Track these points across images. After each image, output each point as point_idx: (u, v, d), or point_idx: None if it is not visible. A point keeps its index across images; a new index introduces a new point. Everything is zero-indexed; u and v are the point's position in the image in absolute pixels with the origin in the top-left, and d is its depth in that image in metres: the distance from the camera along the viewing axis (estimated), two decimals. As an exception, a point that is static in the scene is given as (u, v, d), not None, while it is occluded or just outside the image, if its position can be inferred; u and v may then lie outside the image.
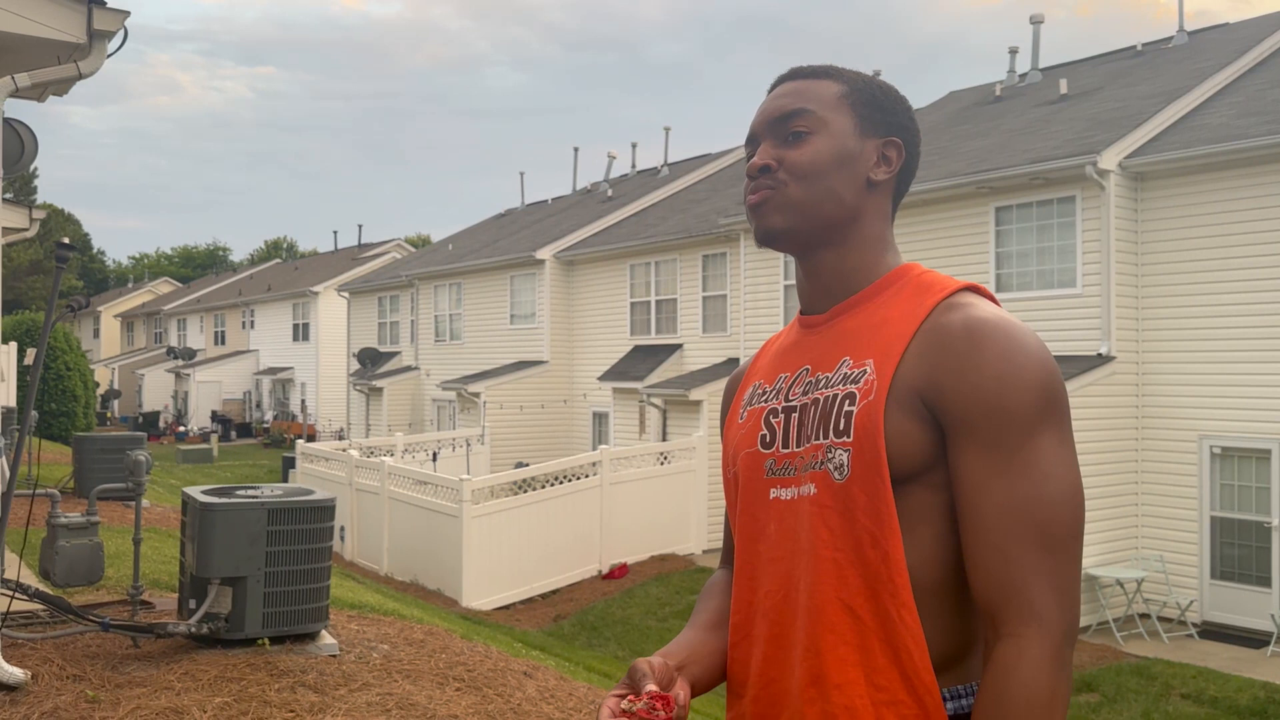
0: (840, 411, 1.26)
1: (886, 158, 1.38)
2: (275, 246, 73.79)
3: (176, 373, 41.03)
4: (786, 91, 1.40)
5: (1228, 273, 11.17)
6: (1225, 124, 11.77)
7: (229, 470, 25.97)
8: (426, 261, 28.18)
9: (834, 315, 1.36)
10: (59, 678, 4.27)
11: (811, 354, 1.36)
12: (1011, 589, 1.14)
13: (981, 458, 1.17)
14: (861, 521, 1.21)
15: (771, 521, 1.32)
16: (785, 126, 1.37)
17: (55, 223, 53.78)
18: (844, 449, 1.23)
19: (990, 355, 1.18)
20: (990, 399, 1.17)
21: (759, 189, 1.36)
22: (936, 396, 1.20)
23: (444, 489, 14.25)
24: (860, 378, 1.26)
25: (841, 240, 1.36)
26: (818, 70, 1.42)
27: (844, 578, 1.22)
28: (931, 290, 1.30)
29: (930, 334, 1.23)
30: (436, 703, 4.31)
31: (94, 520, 5.50)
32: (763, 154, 1.37)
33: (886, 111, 1.39)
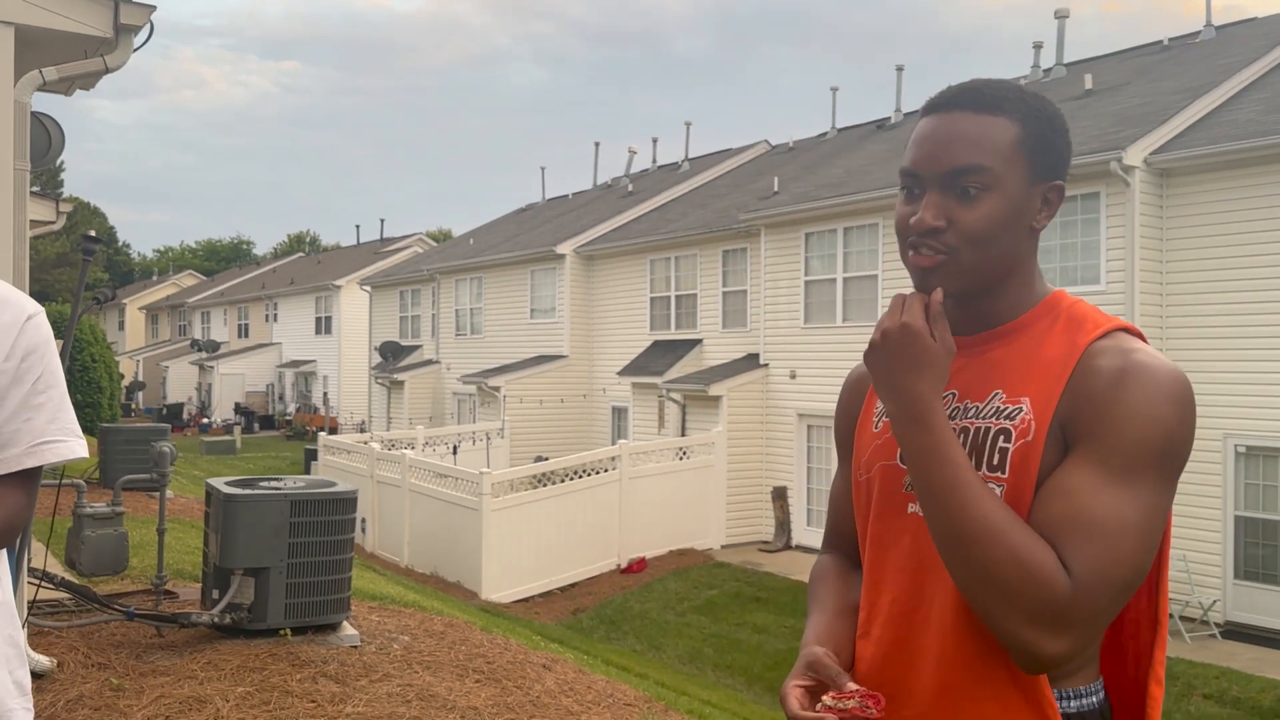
0: (994, 446, 1.30)
1: (1049, 201, 1.36)
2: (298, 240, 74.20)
3: (200, 365, 41.37)
4: (960, 134, 1.31)
5: (1254, 270, 11.06)
6: (1252, 120, 11.64)
7: (252, 462, 26.17)
8: (447, 256, 28.28)
9: (984, 341, 1.38)
10: (84, 665, 4.33)
11: (958, 379, 1.38)
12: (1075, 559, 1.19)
13: (1087, 470, 1.22)
14: None
15: (906, 534, 1.37)
16: (958, 181, 1.30)
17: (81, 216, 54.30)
18: (998, 484, 1.28)
19: (1133, 393, 1.23)
20: (1114, 426, 1.23)
21: (930, 251, 1.32)
22: (1072, 423, 1.26)
23: (464, 482, 14.31)
24: (1016, 415, 1.30)
25: (999, 284, 1.37)
26: (993, 100, 1.32)
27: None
28: (1084, 328, 1.33)
29: (1085, 374, 1.28)
30: (456, 694, 4.34)
31: (119, 511, 5.56)
32: (932, 210, 1.31)
33: (1054, 152, 1.35)
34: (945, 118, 1.33)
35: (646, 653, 11.11)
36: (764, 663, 10.58)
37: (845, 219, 15.42)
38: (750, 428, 16.29)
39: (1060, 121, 1.36)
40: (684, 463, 15.61)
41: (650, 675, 8.95)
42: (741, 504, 16.09)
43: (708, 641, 11.40)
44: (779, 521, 15.60)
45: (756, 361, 16.78)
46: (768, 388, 16.42)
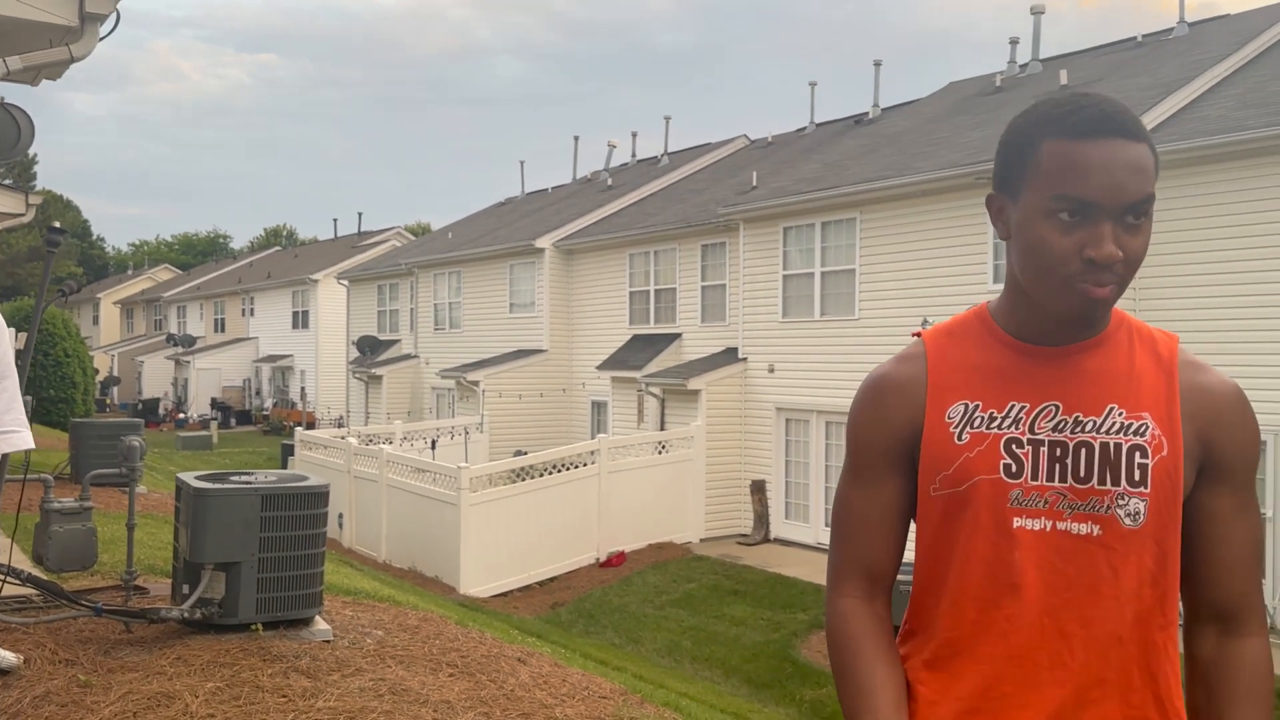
0: (1130, 462, 1.37)
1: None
2: (275, 234, 73.72)
3: (176, 360, 41.05)
4: (1136, 165, 1.32)
5: (1227, 264, 11.17)
6: (1224, 115, 11.75)
7: (228, 457, 26.00)
8: (426, 250, 28.17)
9: (1072, 353, 1.42)
10: (51, 662, 4.28)
11: (1056, 390, 1.41)
12: (1251, 600, 1.42)
13: (1231, 500, 1.41)
14: (1146, 564, 1.38)
15: (1016, 550, 1.38)
16: (1135, 212, 1.33)
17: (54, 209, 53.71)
18: (1140, 499, 1.37)
19: (1251, 423, 1.42)
20: (1248, 456, 1.42)
21: (1106, 283, 1.33)
22: (1209, 450, 1.41)
23: (442, 476, 14.27)
24: (1144, 431, 1.38)
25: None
26: (1138, 128, 1.35)
27: (1121, 614, 1.37)
28: (1156, 341, 1.46)
29: (1197, 394, 1.42)
30: (429, 688, 4.32)
31: (87, 505, 5.50)
32: (1111, 241, 1.32)
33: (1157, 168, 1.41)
34: (1116, 146, 1.32)
35: (625, 646, 11.12)
36: (742, 655, 10.61)
37: (823, 213, 15.46)
38: (729, 422, 16.32)
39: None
40: (663, 457, 15.62)
41: (628, 668, 8.96)
42: (720, 498, 16.12)
43: (686, 634, 11.42)
44: (757, 515, 15.64)
45: (735, 356, 16.81)
46: (746, 382, 16.46)
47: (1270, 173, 10.85)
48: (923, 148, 15.40)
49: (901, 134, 17.23)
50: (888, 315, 14.11)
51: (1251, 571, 1.40)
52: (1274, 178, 10.82)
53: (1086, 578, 1.36)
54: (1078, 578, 1.36)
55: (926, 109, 18.82)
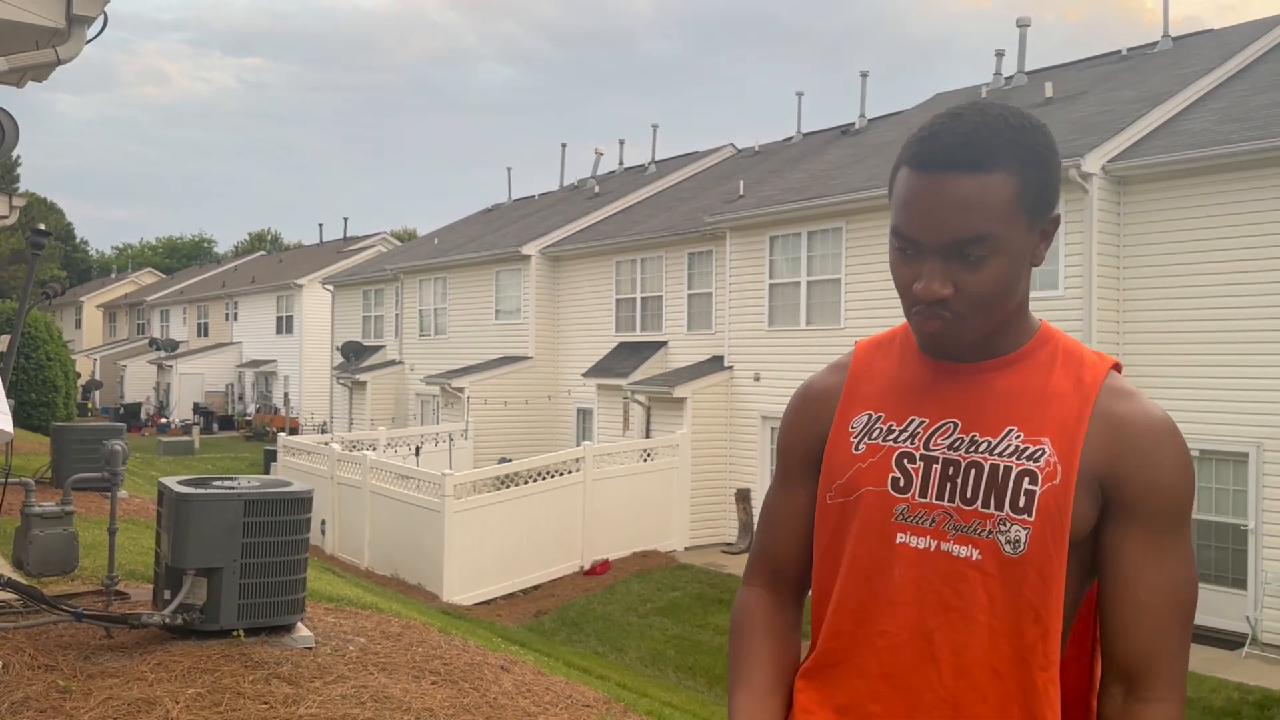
0: (1018, 487, 1.29)
1: (1046, 234, 1.33)
2: (260, 239, 73.43)
3: (159, 364, 40.80)
4: (959, 201, 1.24)
5: (1208, 276, 11.25)
6: (1208, 129, 11.85)
7: (210, 462, 25.84)
8: (412, 255, 28.11)
9: (984, 370, 1.36)
10: (30, 667, 4.24)
11: (958, 407, 1.35)
12: (1161, 659, 1.28)
13: (1143, 540, 1.28)
14: (1027, 596, 1.28)
15: (896, 565, 1.33)
16: (961, 250, 1.26)
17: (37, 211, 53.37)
18: (1023, 526, 1.28)
19: (1169, 456, 1.29)
20: (1164, 494, 1.28)
21: (933, 317, 1.30)
22: (1116, 483, 1.29)
23: (426, 484, 14.22)
24: (1039, 456, 1.29)
25: (1004, 323, 1.36)
26: (988, 155, 1.25)
27: (996, 644, 1.28)
28: (1084, 364, 1.35)
29: (1108, 421, 1.30)
30: (412, 695, 4.30)
31: (69, 510, 5.46)
32: (936, 280, 1.27)
33: (1051, 189, 1.30)
34: (940, 181, 1.25)
35: (608, 654, 11.09)
36: (725, 664, 10.59)
37: (809, 223, 15.51)
38: (714, 430, 16.32)
39: (1053, 153, 1.31)
40: (648, 465, 15.61)
41: (611, 677, 8.93)
42: (705, 506, 16.12)
43: (670, 643, 11.40)
44: (742, 523, 15.65)
45: (721, 364, 16.83)
46: (732, 390, 16.47)
47: (1253, 186, 10.95)
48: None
49: (888, 144, 17.31)
50: (873, 325, 14.16)
51: (1162, 626, 1.27)
52: (1256, 191, 10.93)
53: (962, 602, 1.29)
54: (954, 601, 1.29)
55: (913, 120, 18.91)
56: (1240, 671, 9.69)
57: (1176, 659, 1.28)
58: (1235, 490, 11.03)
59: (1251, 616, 10.62)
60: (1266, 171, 10.82)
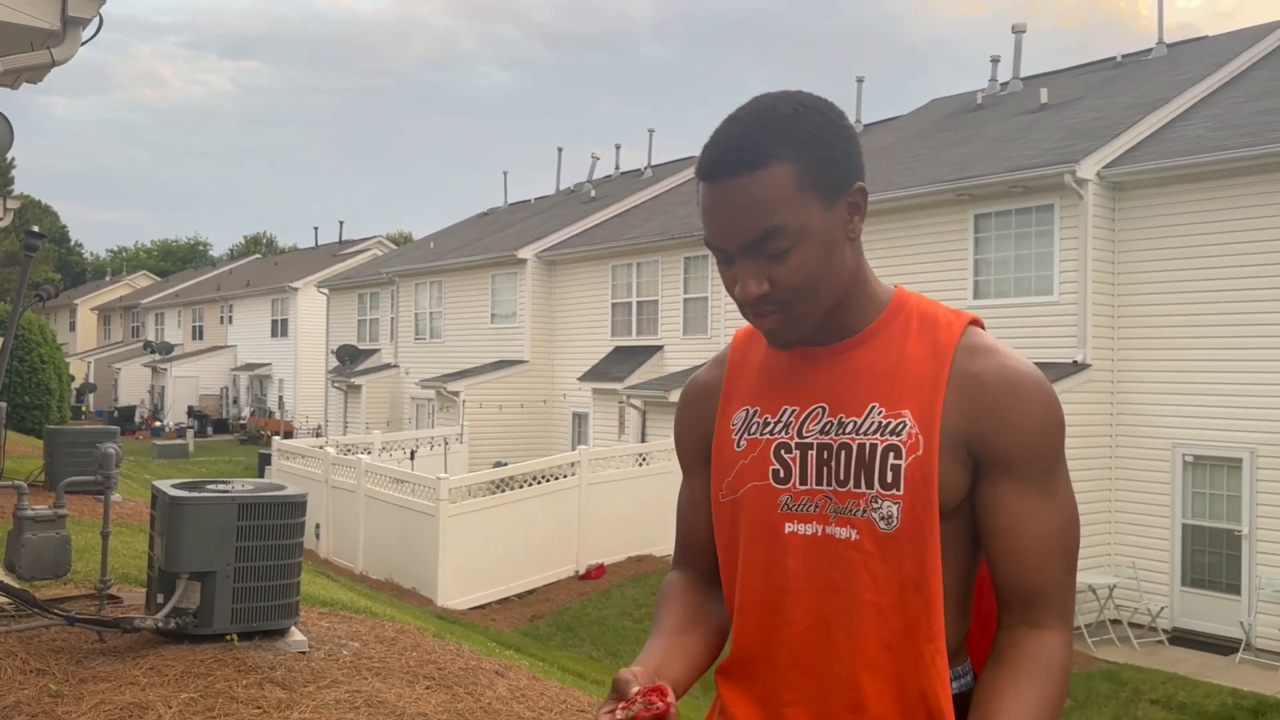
0: (884, 464, 1.30)
1: (854, 206, 1.33)
2: (255, 242, 73.36)
3: (153, 367, 40.72)
4: (741, 203, 1.26)
5: (1203, 283, 11.28)
6: (1202, 136, 11.88)
7: (204, 466, 25.78)
8: (408, 259, 28.09)
9: (842, 350, 1.37)
10: (22, 671, 4.22)
11: (824, 390, 1.36)
12: (1048, 597, 1.32)
13: (1019, 493, 1.30)
14: (907, 570, 1.29)
15: (789, 555, 1.35)
16: (761, 248, 1.28)
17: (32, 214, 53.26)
18: (893, 501, 1.29)
19: (1029, 406, 1.30)
20: (1030, 445, 1.29)
21: (763, 314, 1.32)
22: (980, 443, 1.30)
23: (421, 487, 14.20)
24: (901, 429, 1.30)
25: (842, 302, 1.36)
26: (758, 151, 1.26)
27: (885, 620, 1.30)
28: (939, 325, 1.35)
29: (965, 381, 1.31)
30: (406, 700, 4.29)
31: (61, 513, 5.44)
32: (751, 279, 1.29)
33: (839, 160, 1.30)
34: (720, 188, 1.27)
35: (603, 659, 11.07)
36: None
37: (805, 227, 15.50)
38: (709, 434, 16.29)
39: (836, 128, 1.30)
40: (644, 469, 15.59)
41: (606, 681, 8.92)
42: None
43: (664, 648, 11.38)
44: (737, 528, 15.64)
45: (716, 368, 16.81)
46: (727, 395, 16.46)
47: (1247, 192, 10.98)
48: (905, 163, 15.50)
49: (884, 149, 17.34)
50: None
51: (1047, 567, 1.30)
52: (1251, 197, 10.96)
53: (849, 584, 1.31)
54: (842, 584, 1.31)
55: (908, 125, 18.95)
56: (1234, 677, 9.70)
57: (1063, 593, 1.32)
58: (1229, 496, 11.04)
59: (1246, 622, 10.63)
60: (1261, 178, 10.85)
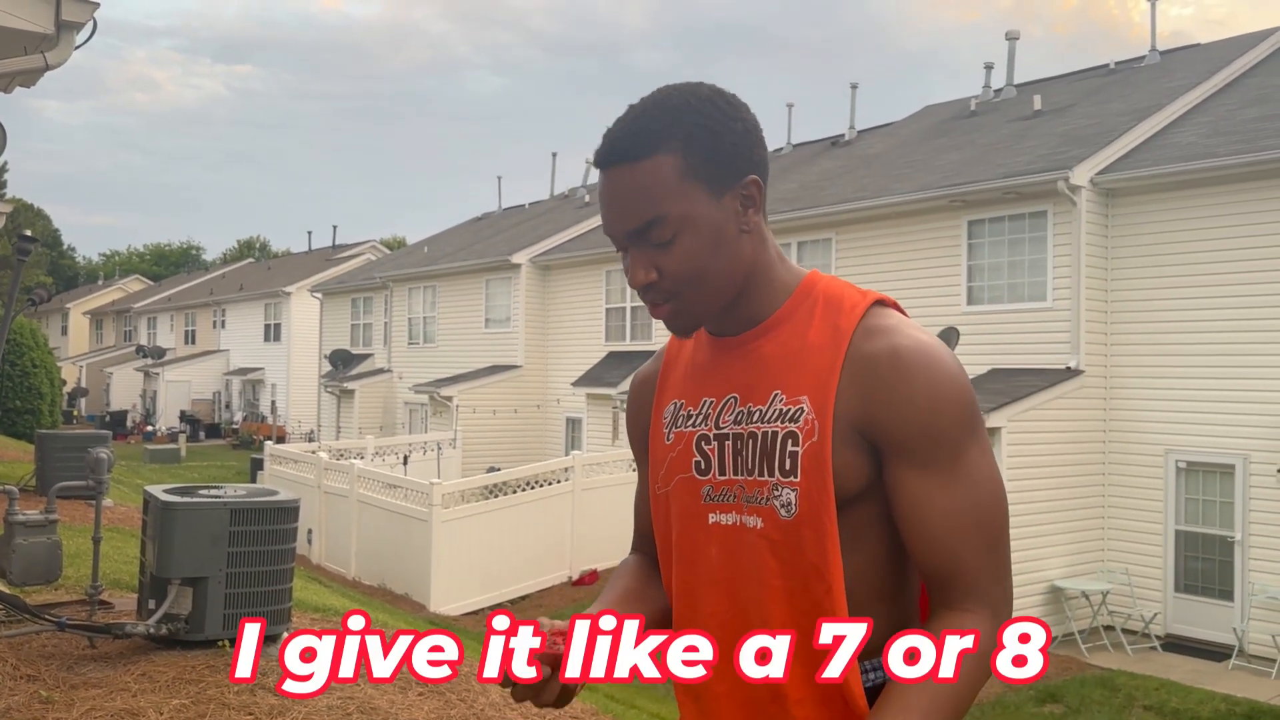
0: (784, 451, 1.29)
1: (749, 198, 1.31)
2: (248, 246, 73.24)
3: (145, 371, 40.60)
4: (624, 192, 1.29)
5: (1196, 289, 11.31)
6: (1195, 143, 11.92)
7: (196, 471, 25.70)
8: (401, 264, 28.05)
9: (751, 339, 1.37)
10: (13, 677, 4.19)
11: (736, 380, 1.37)
12: (962, 580, 1.26)
13: (919, 475, 1.26)
14: (809, 557, 1.28)
15: (713, 545, 1.36)
16: (646, 236, 1.29)
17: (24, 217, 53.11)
18: (791, 488, 1.29)
19: (918, 385, 1.25)
20: (922, 425, 1.25)
21: (656, 305, 1.34)
22: (871, 427, 1.27)
23: (414, 493, 14.17)
24: (799, 416, 1.29)
25: (742, 292, 1.35)
26: (642, 141, 1.28)
27: (794, 606, 1.30)
28: (843, 309, 1.32)
29: (858, 364, 1.28)
30: (398, 707, 4.27)
31: (53, 518, 5.41)
32: (640, 268, 1.31)
33: (728, 155, 1.29)
34: (608, 176, 1.30)
35: (596, 665, 11.04)
36: (713, 675, 10.56)
37: (799, 233, 15.54)
38: (703, 440, 16.29)
39: (727, 119, 1.30)
40: (637, 474, 15.57)
41: (599, 688, 8.89)
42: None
43: (658, 654, 11.36)
44: (730, 534, 15.63)
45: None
46: (721, 400, 16.46)
47: (1240, 199, 11.02)
48: (899, 169, 15.53)
49: (877, 156, 17.37)
50: (862, 335, 14.14)
51: (955, 545, 1.25)
52: (1243, 204, 10.99)
53: (758, 572, 1.31)
54: (753, 571, 1.32)
55: (902, 131, 18.99)
56: (1227, 683, 9.71)
57: (978, 575, 1.26)
58: (1222, 502, 11.07)
59: (1238, 628, 10.64)
60: (1253, 185, 10.89)
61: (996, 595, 1.27)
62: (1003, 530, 1.29)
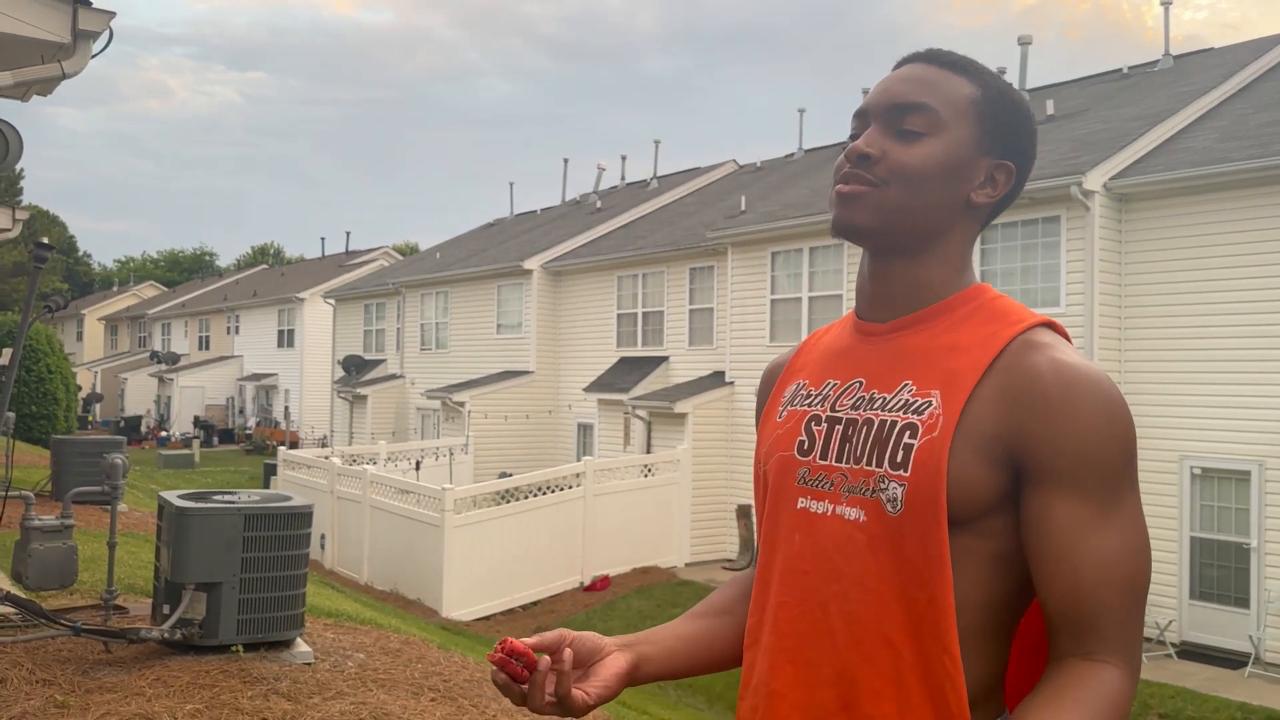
0: (899, 442, 1.20)
1: (994, 180, 1.29)
2: (262, 252, 73.55)
3: (160, 377, 40.80)
4: (914, 76, 1.29)
5: (1210, 294, 11.25)
6: (1209, 147, 11.87)
7: (210, 476, 25.80)
8: (414, 270, 28.14)
9: (896, 328, 1.29)
10: (28, 682, 4.22)
11: (867, 366, 1.30)
12: (1104, 630, 1.15)
13: (1072, 507, 1.15)
14: (911, 560, 1.18)
15: (797, 532, 1.28)
16: (901, 118, 1.26)
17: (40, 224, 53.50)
18: (899, 483, 1.19)
19: (1085, 407, 1.15)
20: (1087, 453, 1.14)
21: (853, 179, 1.26)
22: (1025, 444, 1.16)
23: (426, 498, 14.19)
24: (924, 409, 1.20)
25: (922, 252, 1.28)
26: (956, 62, 1.31)
27: (887, 611, 1.19)
28: (1006, 320, 1.24)
29: (1012, 374, 1.18)
30: (410, 713, 4.28)
31: (68, 523, 5.45)
32: (869, 140, 1.27)
33: (1011, 132, 1.29)
34: (905, 68, 1.31)
35: (608, 671, 11.04)
36: (725, 681, 10.55)
37: (811, 239, 15.53)
38: (715, 445, 16.30)
39: (1024, 111, 1.30)
40: (649, 480, 15.58)
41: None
42: (706, 522, 16.08)
43: (670, 660, 11.34)
44: (743, 539, 15.60)
45: (722, 379, 16.82)
46: (733, 405, 16.46)
47: (1254, 204, 10.96)
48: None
49: (889, 161, 17.33)
50: (874, 341, 14.13)
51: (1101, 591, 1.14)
52: (1258, 209, 10.94)
53: (853, 568, 1.21)
54: (845, 567, 1.22)
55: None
56: (1243, 691, 9.64)
57: (1122, 628, 1.15)
58: (1238, 509, 11.00)
59: (1255, 636, 10.57)
60: (1268, 189, 10.84)
61: (1136, 652, 1.18)
62: (1148, 584, 1.19)
